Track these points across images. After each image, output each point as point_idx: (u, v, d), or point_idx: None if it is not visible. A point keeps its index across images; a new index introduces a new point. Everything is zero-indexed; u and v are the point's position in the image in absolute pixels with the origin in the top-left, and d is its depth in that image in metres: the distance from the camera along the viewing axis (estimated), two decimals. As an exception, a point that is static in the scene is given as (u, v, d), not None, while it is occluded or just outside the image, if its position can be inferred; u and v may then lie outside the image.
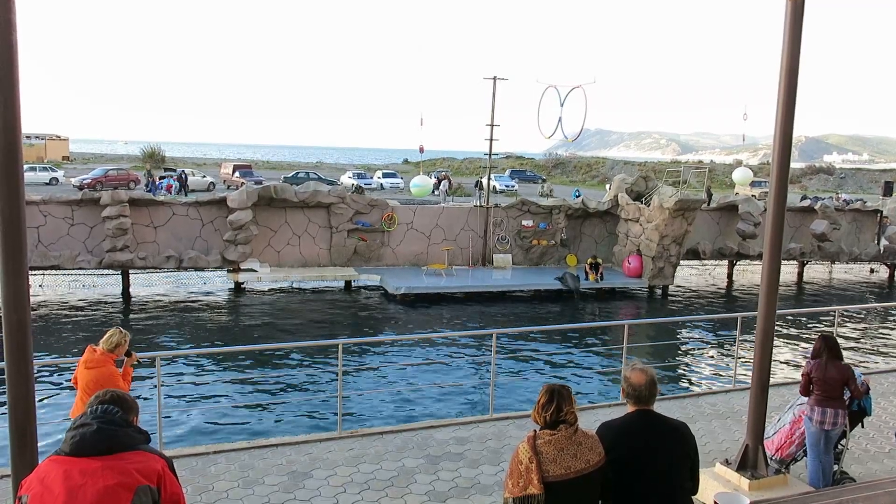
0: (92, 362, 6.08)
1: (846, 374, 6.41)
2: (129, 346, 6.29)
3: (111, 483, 2.73)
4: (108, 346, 6.15)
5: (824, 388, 6.39)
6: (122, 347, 6.21)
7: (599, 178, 76.00)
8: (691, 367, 17.11)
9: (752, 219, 27.05)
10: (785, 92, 6.17)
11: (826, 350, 6.46)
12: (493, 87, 26.26)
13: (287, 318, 20.49)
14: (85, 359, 6.13)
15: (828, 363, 6.42)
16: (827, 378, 6.37)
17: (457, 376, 15.54)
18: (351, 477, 6.86)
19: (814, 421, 6.45)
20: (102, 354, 6.11)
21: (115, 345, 6.15)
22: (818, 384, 6.40)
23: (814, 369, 6.44)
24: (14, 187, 4.00)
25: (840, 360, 6.48)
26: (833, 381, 6.37)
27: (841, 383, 6.39)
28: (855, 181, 79.87)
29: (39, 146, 71.16)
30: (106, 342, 6.16)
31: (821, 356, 6.47)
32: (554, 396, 3.50)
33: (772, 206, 6.39)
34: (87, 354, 6.15)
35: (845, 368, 6.44)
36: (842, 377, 6.38)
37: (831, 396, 6.38)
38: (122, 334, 6.24)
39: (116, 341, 6.16)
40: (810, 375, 6.46)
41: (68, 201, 21.55)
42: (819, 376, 6.40)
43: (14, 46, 3.94)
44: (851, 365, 6.76)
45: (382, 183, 55.79)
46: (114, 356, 6.16)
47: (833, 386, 6.37)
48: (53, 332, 18.15)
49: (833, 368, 6.40)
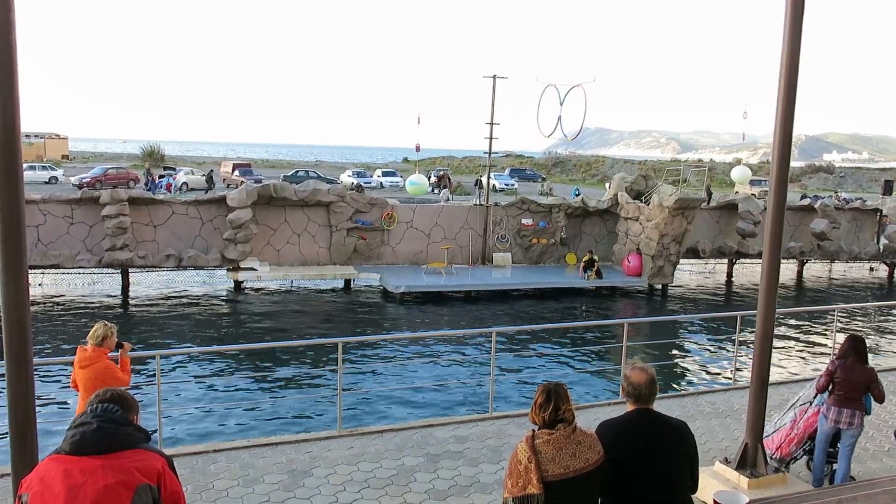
0: (85, 360, 6.06)
1: (870, 377, 6.36)
2: (116, 337, 6.27)
3: (111, 482, 2.73)
4: (95, 340, 6.12)
5: (847, 389, 6.34)
6: (110, 339, 6.18)
7: (599, 176, 75.95)
8: (691, 366, 17.11)
9: (751, 217, 27.06)
10: (785, 90, 6.16)
11: (854, 352, 6.40)
12: (492, 86, 26.27)
13: (287, 317, 20.50)
14: (78, 359, 6.11)
15: (853, 365, 6.36)
16: (851, 379, 6.33)
17: (456, 375, 15.55)
18: (351, 475, 6.86)
19: (829, 419, 6.44)
20: (93, 350, 6.09)
21: (101, 338, 6.12)
22: (841, 385, 6.35)
23: (839, 369, 6.38)
24: (14, 186, 4.00)
25: (866, 363, 6.43)
26: (856, 384, 6.33)
27: (864, 386, 6.35)
28: (854, 180, 79.88)
29: (39, 145, 71.16)
30: (92, 337, 6.13)
31: (847, 357, 6.40)
32: (551, 395, 3.50)
33: (771, 205, 6.39)
34: (79, 354, 6.13)
35: (870, 371, 6.39)
36: (866, 380, 6.34)
37: (852, 398, 6.35)
38: (107, 327, 6.21)
39: (102, 334, 6.13)
40: (833, 375, 6.40)
41: (68, 200, 21.56)
42: (843, 377, 6.34)
43: (13, 46, 3.94)
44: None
45: (382, 181, 55.77)
46: (105, 350, 6.14)
47: (856, 388, 6.33)
48: (53, 331, 18.15)
49: (858, 370, 6.35)
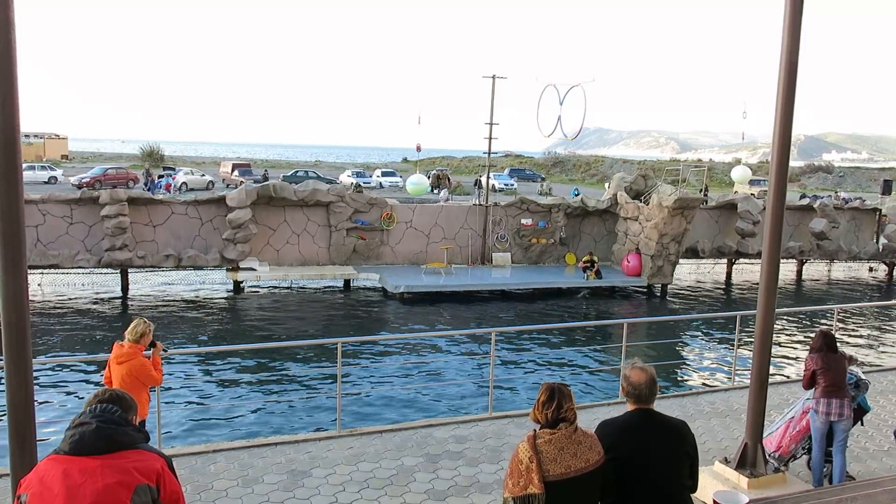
0: (122, 357, 6.11)
1: (845, 359, 6.69)
2: (152, 335, 6.34)
3: (110, 482, 2.73)
4: (134, 336, 6.18)
5: (830, 377, 6.51)
6: (147, 337, 6.27)
7: (598, 176, 75.94)
8: (690, 366, 17.12)
9: (751, 217, 27.07)
10: (784, 90, 6.17)
11: (825, 345, 6.65)
12: (492, 86, 26.25)
13: (286, 317, 20.49)
14: (115, 355, 6.15)
15: (829, 354, 6.61)
16: (832, 367, 6.53)
17: (456, 375, 15.54)
18: (350, 475, 6.86)
19: (820, 413, 6.55)
20: (130, 347, 6.15)
21: (140, 334, 6.20)
22: (824, 374, 6.52)
23: (818, 362, 6.58)
24: (13, 186, 4.00)
25: (837, 353, 6.73)
26: (838, 370, 6.54)
27: (844, 370, 6.59)
28: (854, 179, 79.88)
29: (38, 145, 71.08)
30: (131, 333, 6.19)
31: (822, 350, 6.64)
32: (554, 394, 3.51)
33: (771, 205, 6.39)
34: (115, 351, 6.18)
35: (842, 356, 6.72)
36: (843, 363, 6.63)
37: (837, 386, 6.51)
38: (147, 324, 6.30)
39: (141, 331, 6.21)
40: (814, 369, 6.59)
41: (67, 200, 21.54)
42: (825, 366, 6.54)
43: (13, 45, 3.94)
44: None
45: (381, 181, 55.76)
46: (141, 347, 6.21)
47: (838, 374, 6.53)
48: (52, 331, 18.13)
49: (834, 358, 6.61)
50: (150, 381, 6.29)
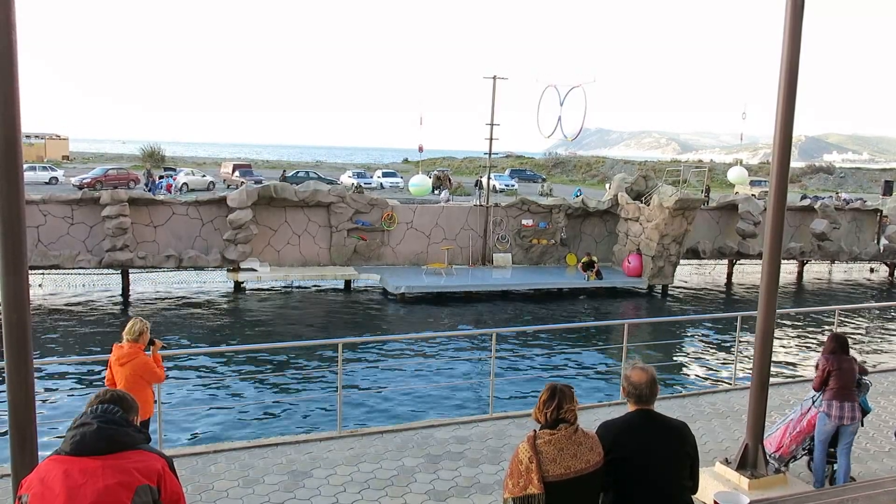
0: (124, 357, 6.13)
1: (855, 363, 6.78)
2: (149, 333, 6.36)
3: (111, 482, 2.73)
4: (132, 335, 6.20)
5: (842, 380, 6.60)
6: (145, 336, 6.30)
7: (599, 177, 75.94)
8: (691, 367, 17.10)
9: (751, 218, 27.06)
10: (785, 91, 6.17)
11: (840, 347, 6.76)
12: (492, 87, 26.26)
13: (287, 318, 20.49)
14: (116, 356, 6.16)
15: (842, 356, 6.71)
16: (844, 368, 6.63)
17: (456, 375, 15.54)
18: (351, 476, 6.86)
19: (832, 416, 6.60)
20: (130, 347, 6.17)
21: (138, 333, 6.23)
22: (837, 376, 6.61)
23: (832, 363, 6.66)
24: (14, 186, 4.00)
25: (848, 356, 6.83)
26: (848, 372, 6.64)
27: (854, 372, 6.70)
28: (855, 180, 79.84)
29: (39, 145, 71.11)
30: (129, 333, 6.22)
31: (835, 351, 6.74)
32: (556, 394, 3.52)
33: (772, 206, 6.39)
34: (115, 352, 6.19)
35: (853, 359, 6.80)
36: (853, 365, 6.73)
37: (848, 388, 6.60)
38: (143, 323, 6.33)
39: (139, 330, 6.24)
40: (827, 370, 6.68)
41: (68, 200, 21.55)
42: (838, 367, 6.63)
43: (14, 46, 3.94)
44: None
45: (382, 182, 55.77)
46: (140, 346, 6.23)
47: (849, 377, 6.63)
48: (53, 331, 18.14)
49: (847, 360, 6.70)
50: (154, 378, 6.31)
